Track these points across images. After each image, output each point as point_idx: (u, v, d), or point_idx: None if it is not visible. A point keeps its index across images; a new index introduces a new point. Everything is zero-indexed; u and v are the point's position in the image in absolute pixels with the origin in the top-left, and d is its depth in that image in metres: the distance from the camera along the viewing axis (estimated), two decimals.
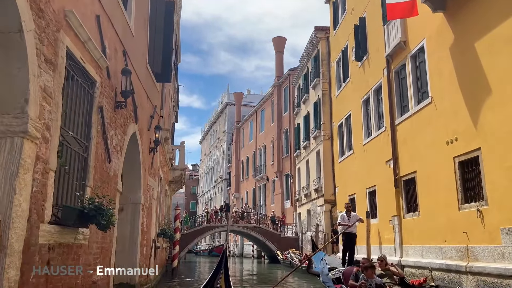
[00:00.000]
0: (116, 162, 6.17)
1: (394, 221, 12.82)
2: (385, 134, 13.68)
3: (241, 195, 44.56)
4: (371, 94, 15.09)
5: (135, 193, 8.06)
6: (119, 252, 7.70)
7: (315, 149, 24.35)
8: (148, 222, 9.20)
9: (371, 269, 6.77)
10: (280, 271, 21.49)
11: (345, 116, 17.95)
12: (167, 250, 17.77)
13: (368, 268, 6.76)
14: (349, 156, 17.38)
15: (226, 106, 52.37)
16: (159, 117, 10.35)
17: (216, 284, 6.44)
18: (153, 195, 9.87)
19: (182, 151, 17.47)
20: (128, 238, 7.83)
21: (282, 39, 36.91)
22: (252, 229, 28.69)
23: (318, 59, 24.63)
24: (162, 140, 12.44)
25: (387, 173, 13.36)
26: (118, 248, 7.72)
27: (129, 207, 7.99)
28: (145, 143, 8.61)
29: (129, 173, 7.94)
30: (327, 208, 22.30)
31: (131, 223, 7.93)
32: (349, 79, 17.53)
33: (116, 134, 6.16)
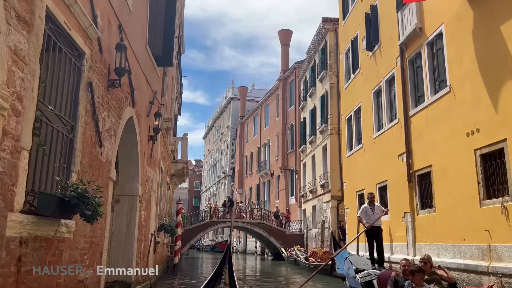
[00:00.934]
0: (109, 147, 5.56)
1: (406, 218, 12.17)
2: (398, 126, 13.00)
3: (244, 190, 43.98)
4: (382, 85, 14.40)
5: (132, 184, 7.45)
6: (114, 248, 7.12)
7: (322, 144, 23.68)
8: (147, 215, 8.60)
9: (420, 274, 5.54)
10: (284, 269, 20.90)
11: (354, 108, 17.27)
12: (169, 246, 17.20)
13: (416, 272, 5.50)
14: (358, 150, 16.72)
15: (231, 100, 51.69)
16: (160, 104, 9.73)
17: (220, 279, 6.54)
18: (153, 187, 9.27)
19: (184, 143, 16.85)
20: (124, 232, 7.24)
21: (288, 32, 36.17)
22: (256, 225, 28.10)
23: (325, 51, 23.93)
24: (163, 130, 11.83)
25: (399, 168, 12.70)
26: (113, 243, 7.14)
27: (126, 199, 7.40)
28: (144, 130, 8.00)
29: (125, 161, 7.34)
30: (333, 205, 21.65)
31: (128, 215, 7.34)
32: (359, 70, 16.84)
33: (109, 117, 5.55)
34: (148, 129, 8.54)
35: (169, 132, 12.78)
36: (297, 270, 18.56)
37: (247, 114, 45.24)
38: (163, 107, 11.26)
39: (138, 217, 7.53)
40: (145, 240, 8.40)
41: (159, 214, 12.12)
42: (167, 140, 13.64)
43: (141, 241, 7.99)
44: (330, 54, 23.32)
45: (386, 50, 14.17)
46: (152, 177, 9.15)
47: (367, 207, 10.66)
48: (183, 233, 26.28)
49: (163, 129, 11.67)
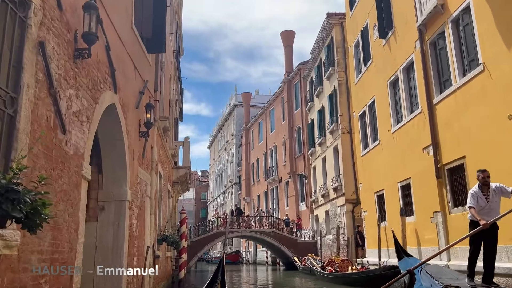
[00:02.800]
0: (79, 137, 4.34)
1: (437, 218, 10.81)
2: (421, 117, 11.71)
3: (252, 199, 42.60)
4: (399, 73, 13.14)
5: (119, 187, 6.22)
6: (100, 264, 5.86)
7: (332, 145, 22.37)
8: (140, 224, 7.35)
9: None
10: (299, 279, 19.47)
11: (367, 103, 15.99)
12: (173, 259, 15.89)
13: None
14: (374, 147, 15.40)
15: (234, 108, 50.53)
16: (153, 99, 8.50)
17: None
18: (147, 192, 8.03)
19: (186, 147, 15.62)
20: (111, 245, 5.99)
21: (291, 33, 35.08)
22: (266, 234, 26.71)
23: (332, 47, 22.73)
24: (160, 130, 10.62)
25: (425, 162, 11.38)
26: (98, 260, 5.88)
27: (112, 205, 6.16)
28: (132, 123, 6.79)
29: (110, 160, 6.13)
30: (348, 208, 20.26)
31: (115, 225, 6.10)
32: (371, 61, 15.59)
33: (78, 97, 4.33)
34: (139, 123, 7.32)
35: (167, 133, 11.57)
36: (313, 281, 17.15)
37: (252, 120, 44.04)
38: (159, 103, 10.06)
39: (127, 226, 6.28)
40: (138, 254, 7.14)
41: (159, 224, 10.86)
42: (166, 142, 12.42)
43: (133, 255, 6.73)
44: (337, 49, 22.12)
45: (402, 35, 12.93)
46: (146, 180, 7.91)
47: (476, 192, 6.63)
48: (190, 245, 25.02)
49: (160, 129, 10.46)
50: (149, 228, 8.04)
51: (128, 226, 6.33)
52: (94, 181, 6.24)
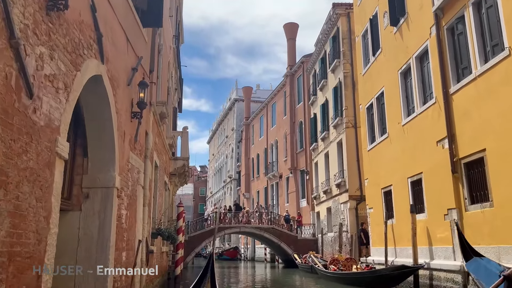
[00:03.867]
0: (54, 106, 3.60)
1: (451, 215, 10.09)
2: (435, 107, 10.98)
3: (251, 194, 41.89)
4: (412, 62, 12.39)
5: (107, 172, 5.49)
6: (82, 260, 5.14)
7: (336, 139, 21.63)
8: (131, 216, 6.62)
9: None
10: (299, 278, 18.79)
11: (375, 95, 15.25)
12: (169, 255, 15.19)
13: None
14: (382, 141, 14.66)
15: (235, 102, 49.72)
16: (146, 74, 7.69)
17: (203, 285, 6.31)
18: (140, 180, 7.29)
19: (185, 138, 14.85)
20: (96, 237, 5.27)
21: (294, 25, 34.24)
22: (266, 230, 26.02)
23: (337, 38, 21.96)
24: (156, 115, 9.88)
25: (439, 156, 10.66)
26: (80, 254, 5.16)
27: (98, 193, 5.43)
28: (123, 102, 6.06)
29: (96, 142, 5.40)
30: (352, 205, 19.54)
31: (100, 215, 5.37)
32: (381, 50, 14.84)
33: (53, 59, 3.59)
34: (131, 103, 6.58)
35: (164, 120, 10.82)
36: (315, 280, 16.45)
37: (252, 115, 43.26)
38: (155, 87, 9.31)
39: (115, 217, 5.56)
40: (128, 248, 6.41)
41: (154, 217, 10.14)
42: (164, 131, 11.68)
43: (122, 249, 6.00)
44: (342, 41, 21.35)
45: (416, 22, 12.18)
46: (139, 168, 7.17)
47: None
48: (187, 240, 24.32)
49: (156, 114, 9.72)
50: (141, 221, 7.32)
51: (116, 217, 5.61)
52: (79, 165, 5.52)
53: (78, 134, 5.55)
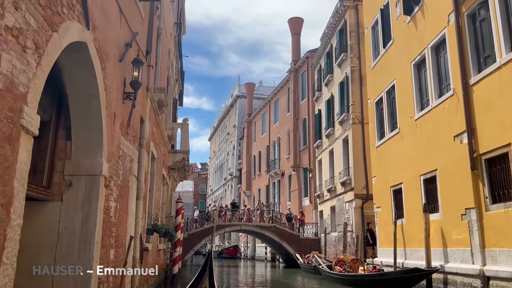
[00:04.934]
0: (18, 67, 2.91)
1: (470, 215, 9.39)
2: (453, 100, 10.26)
3: (252, 192, 41.19)
4: (427, 52, 11.68)
5: (93, 158, 4.79)
6: (61, 258, 4.45)
7: (341, 136, 20.91)
8: (122, 209, 5.92)
9: None
10: (301, 278, 18.09)
11: (386, 88, 14.53)
12: (166, 253, 14.50)
13: None
14: (392, 137, 13.95)
15: (237, 99, 49.02)
16: (141, 52, 6.95)
17: (201, 285, 6.36)
18: (132, 169, 6.58)
19: (185, 130, 14.12)
20: (79, 232, 4.58)
21: (299, 20, 33.49)
22: (267, 228, 25.31)
23: (345, 31, 21.23)
24: (154, 103, 9.17)
25: (456, 152, 9.95)
26: (60, 251, 4.47)
27: (82, 181, 4.74)
28: (113, 79, 5.35)
29: (80, 122, 4.71)
30: (357, 204, 18.82)
31: (85, 207, 4.67)
32: (392, 41, 14.13)
33: (18, 9, 2.89)
34: (123, 82, 5.89)
35: (163, 109, 10.13)
36: (318, 281, 15.74)
37: (255, 112, 42.53)
38: (153, 71, 8.61)
39: (102, 209, 4.87)
40: (118, 245, 5.71)
41: (150, 213, 9.45)
42: (162, 121, 10.98)
43: (110, 247, 5.31)
44: (350, 34, 20.61)
45: (432, 9, 11.46)
46: (132, 156, 6.47)
47: None
48: (187, 238, 23.63)
49: (153, 101, 9.01)
50: (134, 215, 6.62)
51: (103, 209, 4.91)
52: (61, 149, 4.82)
53: (61, 114, 4.86)
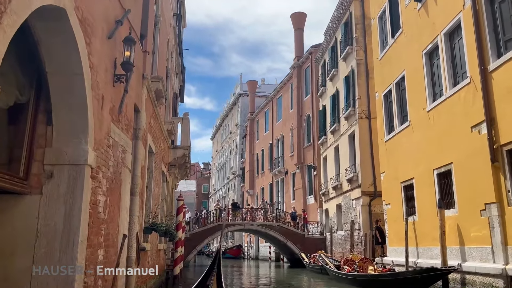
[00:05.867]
0: None
1: (490, 210, 8.77)
2: (470, 88, 9.64)
3: (256, 191, 40.58)
4: (440, 40, 11.07)
5: (76, 145, 4.21)
6: (40, 259, 3.87)
7: (347, 132, 20.28)
8: (113, 204, 5.31)
9: None
10: (307, 278, 17.50)
11: (395, 80, 13.92)
12: (167, 253, 13.92)
13: None
14: (402, 130, 13.34)
15: (239, 97, 48.42)
16: (133, 31, 6.31)
17: (208, 285, 6.26)
18: (125, 161, 5.96)
19: (185, 124, 13.52)
20: (61, 230, 4.00)
21: (302, 15, 32.84)
22: (271, 228, 24.71)
23: (350, 24, 20.61)
24: (151, 93, 8.59)
25: (474, 143, 9.34)
26: (40, 252, 3.88)
27: (65, 171, 4.17)
28: (101, 57, 4.76)
29: (62, 103, 4.13)
30: (365, 202, 18.20)
31: (68, 201, 4.10)
32: (401, 31, 13.51)
33: None
34: (114, 63, 5.30)
35: (161, 100, 9.54)
36: (325, 281, 15.13)
37: (257, 110, 41.92)
38: (149, 57, 8.03)
39: (88, 203, 4.29)
40: (108, 245, 5.11)
41: (148, 210, 8.86)
42: (161, 114, 10.40)
43: (98, 246, 4.72)
44: (356, 26, 19.99)
45: None
46: (124, 146, 5.87)
47: None
48: (189, 237, 23.06)
49: (151, 91, 8.43)
50: (127, 211, 6.03)
51: (89, 204, 4.33)
52: (41, 136, 4.25)
53: (41, 96, 4.28)
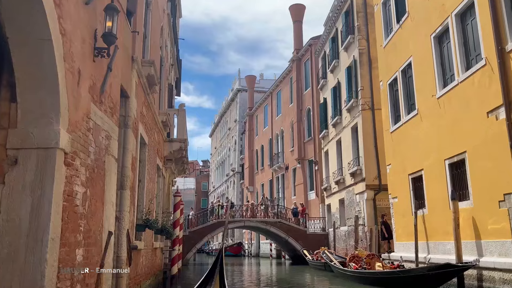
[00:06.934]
0: None
1: (510, 201, 8.15)
2: (485, 71, 8.99)
3: (255, 188, 39.95)
4: (451, 21, 10.41)
5: (45, 125, 3.54)
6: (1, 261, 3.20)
7: (350, 124, 19.63)
8: (94, 197, 4.62)
9: None
10: (310, 276, 16.88)
11: (401, 67, 13.27)
12: (164, 251, 13.28)
13: None
14: (409, 120, 12.69)
15: (238, 92, 47.74)
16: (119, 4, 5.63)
17: (210, 284, 6.20)
18: (110, 149, 5.25)
19: (181, 116, 12.83)
20: (27, 227, 3.34)
21: (301, 7, 32.13)
22: (272, 224, 24.11)
23: (351, 12, 19.94)
24: (142, 78, 7.92)
25: (490, 130, 8.71)
26: (1, 253, 3.22)
27: (31, 156, 3.50)
28: (76, 24, 4.05)
29: (27, 75, 3.47)
30: (369, 196, 17.56)
31: (35, 192, 3.44)
32: (407, 15, 12.85)
33: None
34: (93, 34, 4.61)
35: (154, 88, 8.87)
36: (330, 279, 14.51)
37: (256, 105, 41.23)
38: (138, 37, 7.36)
39: (61, 195, 3.63)
40: (89, 243, 4.42)
41: (141, 206, 8.21)
42: (154, 103, 9.73)
43: (75, 245, 4.03)
44: (357, 14, 19.31)
45: None
46: (109, 131, 5.17)
47: None
48: (188, 235, 22.44)
49: (142, 76, 7.77)
50: (113, 205, 5.36)
51: (62, 195, 3.68)
52: (3, 115, 3.58)
53: (4, 69, 3.61)
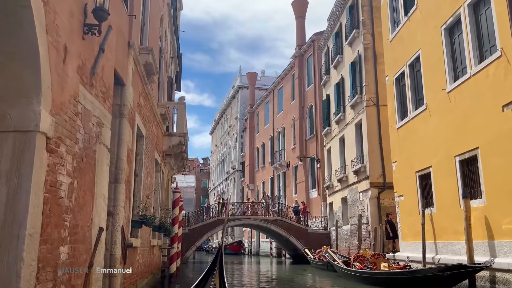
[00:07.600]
0: None
1: None
2: (501, 62, 8.56)
3: (256, 186, 39.53)
4: (463, 12, 9.97)
5: (24, 105, 3.09)
6: None
7: (354, 121, 19.20)
8: (83, 188, 4.18)
9: None
10: (312, 276, 16.46)
11: (408, 61, 12.84)
12: (163, 249, 12.87)
13: None
14: (417, 115, 12.27)
15: (239, 89, 47.29)
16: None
17: (210, 282, 6.15)
18: (102, 137, 4.81)
19: (181, 110, 12.39)
20: (1, 220, 2.92)
21: (304, 2, 31.62)
22: (273, 222, 23.70)
23: (356, 6, 19.49)
24: (139, 66, 7.49)
25: (506, 124, 8.29)
26: None
27: (7, 140, 3.07)
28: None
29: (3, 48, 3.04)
30: (373, 194, 17.14)
31: (11, 180, 3.02)
32: (416, 7, 12.42)
33: None
34: (83, 9, 4.18)
35: (152, 78, 8.44)
36: (332, 279, 14.09)
37: (257, 102, 40.78)
38: (135, 22, 6.93)
39: (42, 185, 3.21)
40: (76, 240, 3.99)
41: (137, 201, 7.79)
42: (152, 94, 9.30)
43: (59, 242, 3.60)
44: (362, 8, 18.86)
45: None
46: (100, 118, 4.72)
47: None
48: (187, 233, 22.03)
49: (139, 64, 7.34)
50: (105, 199, 4.94)
51: (43, 185, 3.26)
52: None
53: None
